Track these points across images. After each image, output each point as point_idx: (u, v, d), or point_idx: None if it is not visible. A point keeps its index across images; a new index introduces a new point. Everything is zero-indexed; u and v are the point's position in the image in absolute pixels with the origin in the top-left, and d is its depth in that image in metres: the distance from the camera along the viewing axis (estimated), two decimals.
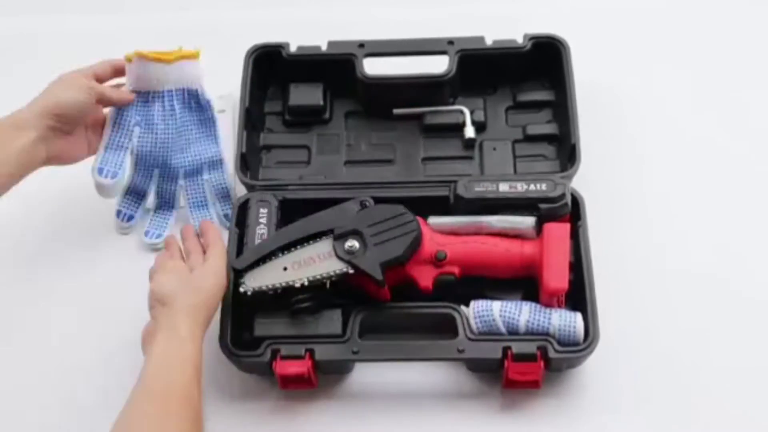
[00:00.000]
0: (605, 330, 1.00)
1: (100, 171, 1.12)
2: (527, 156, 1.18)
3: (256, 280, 1.01)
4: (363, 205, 1.04)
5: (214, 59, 1.25)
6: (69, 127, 1.06)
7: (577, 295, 1.03)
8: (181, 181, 1.17)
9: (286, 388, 1.02)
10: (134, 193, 1.18)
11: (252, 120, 1.18)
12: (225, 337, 1.01)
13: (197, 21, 1.34)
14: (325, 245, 1.02)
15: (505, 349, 0.98)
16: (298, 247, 1.02)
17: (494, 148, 1.18)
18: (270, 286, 1.00)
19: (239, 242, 1.07)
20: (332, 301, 1.03)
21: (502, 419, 1.02)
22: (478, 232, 1.04)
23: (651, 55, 1.27)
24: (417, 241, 1.02)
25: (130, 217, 1.17)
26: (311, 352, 1.00)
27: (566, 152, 1.14)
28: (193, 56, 1.14)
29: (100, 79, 1.10)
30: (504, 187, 1.05)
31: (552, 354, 0.98)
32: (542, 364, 0.99)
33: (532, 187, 1.04)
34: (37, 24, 1.36)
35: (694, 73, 1.26)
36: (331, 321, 1.02)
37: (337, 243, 1.01)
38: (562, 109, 1.17)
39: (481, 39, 1.20)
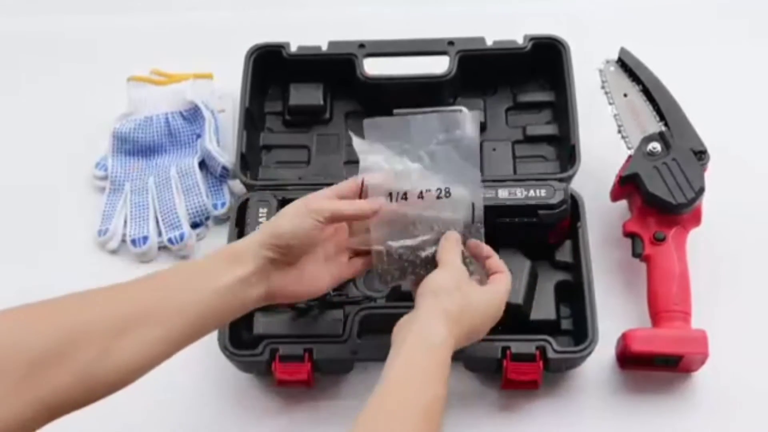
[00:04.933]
0: (605, 330, 1.00)
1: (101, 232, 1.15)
2: (527, 157, 1.18)
3: None
4: None
5: (214, 59, 1.25)
6: (292, 258, 0.91)
7: (577, 295, 1.03)
8: (173, 172, 1.18)
9: (282, 385, 1.02)
10: (137, 211, 1.17)
11: (252, 120, 1.18)
12: (223, 336, 1.01)
13: (197, 21, 1.34)
14: None
15: (504, 349, 0.98)
16: None
17: (494, 149, 1.18)
18: None
19: None
20: (333, 300, 1.03)
21: (501, 419, 1.02)
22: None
23: (652, 55, 1.26)
24: None
25: (145, 239, 1.14)
26: (310, 352, 1.00)
27: (566, 153, 1.14)
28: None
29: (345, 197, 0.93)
30: (503, 194, 1.05)
31: (551, 354, 0.98)
32: (541, 364, 0.99)
33: (531, 193, 1.05)
34: (36, 25, 1.36)
35: (695, 72, 1.26)
36: (332, 321, 1.02)
37: None
38: (562, 109, 1.17)
39: (482, 39, 1.20)
